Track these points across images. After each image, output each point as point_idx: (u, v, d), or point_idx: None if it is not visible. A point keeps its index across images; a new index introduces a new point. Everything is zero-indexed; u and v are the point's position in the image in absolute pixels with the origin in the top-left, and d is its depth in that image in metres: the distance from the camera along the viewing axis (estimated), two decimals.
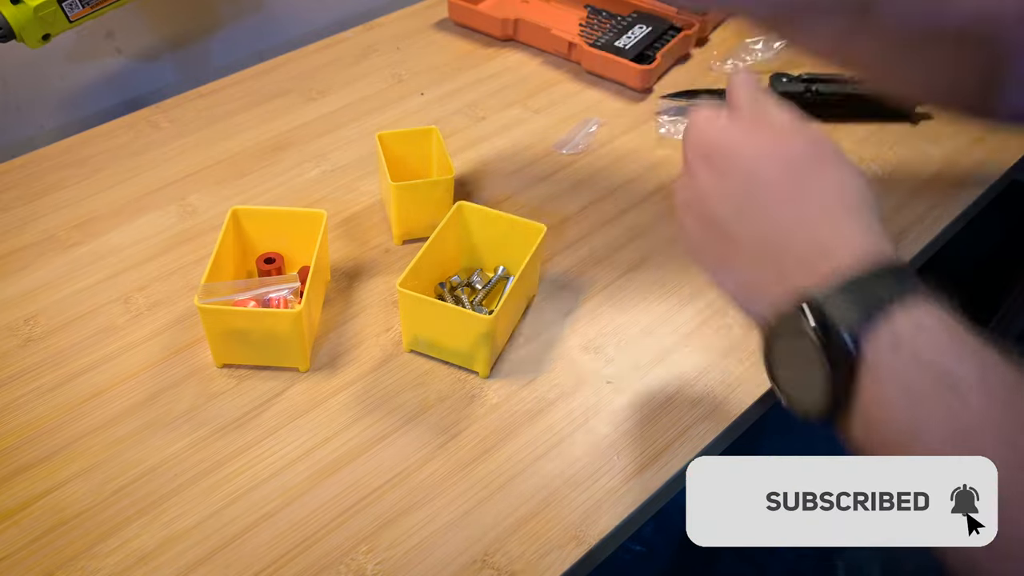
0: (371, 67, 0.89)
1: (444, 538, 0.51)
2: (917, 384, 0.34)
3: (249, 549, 0.50)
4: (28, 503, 0.52)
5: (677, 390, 0.59)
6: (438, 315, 0.58)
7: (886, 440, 0.36)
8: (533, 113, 0.84)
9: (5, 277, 0.66)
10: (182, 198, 0.73)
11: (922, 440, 0.34)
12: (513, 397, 0.58)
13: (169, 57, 0.90)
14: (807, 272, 0.38)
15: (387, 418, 0.57)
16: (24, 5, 0.64)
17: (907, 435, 0.35)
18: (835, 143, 0.42)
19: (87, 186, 0.74)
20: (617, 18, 0.93)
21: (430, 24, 0.96)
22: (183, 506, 0.52)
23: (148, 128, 0.80)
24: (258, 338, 0.57)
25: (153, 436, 0.55)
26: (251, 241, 0.64)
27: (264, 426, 0.56)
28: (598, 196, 0.75)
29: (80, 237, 0.69)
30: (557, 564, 0.50)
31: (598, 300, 0.65)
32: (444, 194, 0.67)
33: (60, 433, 0.55)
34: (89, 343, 0.61)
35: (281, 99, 0.84)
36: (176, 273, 0.66)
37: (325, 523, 0.51)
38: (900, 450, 0.35)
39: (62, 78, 0.83)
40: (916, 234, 0.71)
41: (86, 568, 0.49)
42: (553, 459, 0.55)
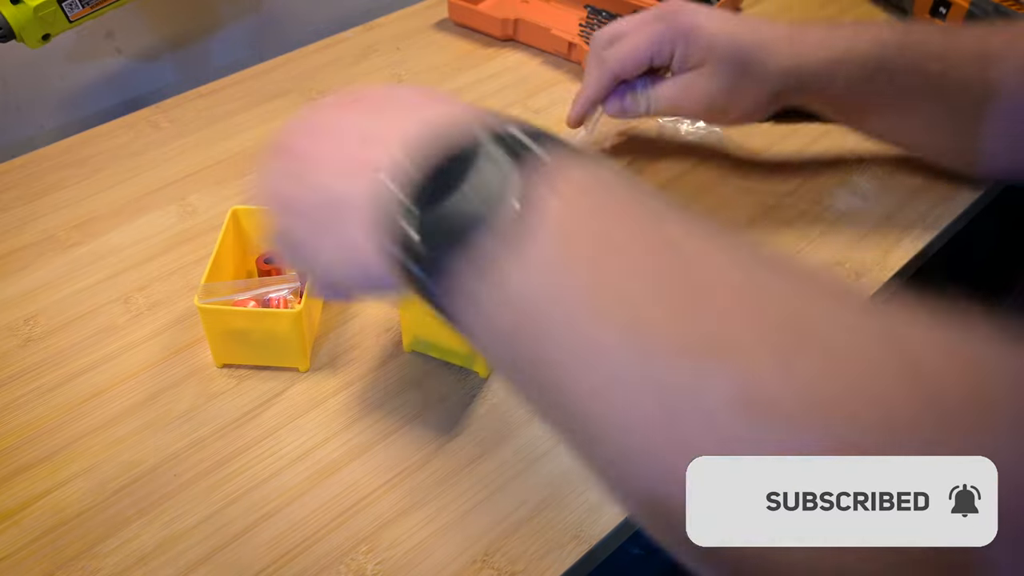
0: (371, 67, 0.89)
1: (444, 538, 0.51)
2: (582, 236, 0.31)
3: (249, 549, 0.50)
4: (28, 503, 0.52)
5: None
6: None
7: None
8: (533, 113, 0.84)
9: (5, 277, 0.66)
10: (182, 198, 0.73)
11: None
12: (513, 397, 0.58)
13: (169, 57, 0.90)
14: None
15: (387, 418, 0.57)
16: (24, 5, 0.64)
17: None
18: None
19: (87, 186, 0.74)
20: (617, 18, 0.93)
21: (430, 24, 0.96)
22: (183, 506, 0.52)
23: (148, 128, 0.80)
24: (258, 338, 0.57)
25: (153, 436, 0.55)
26: (251, 241, 0.64)
27: (264, 426, 0.56)
28: None
29: (80, 237, 0.69)
30: (557, 564, 0.50)
31: None
32: None
33: (60, 433, 0.55)
34: (89, 343, 0.61)
35: (281, 99, 0.84)
36: (176, 273, 0.66)
37: (325, 523, 0.51)
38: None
39: (62, 78, 0.83)
40: (916, 234, 0.71)
41: (86, 568, 0.49)
42: (553, 459, 0.55)
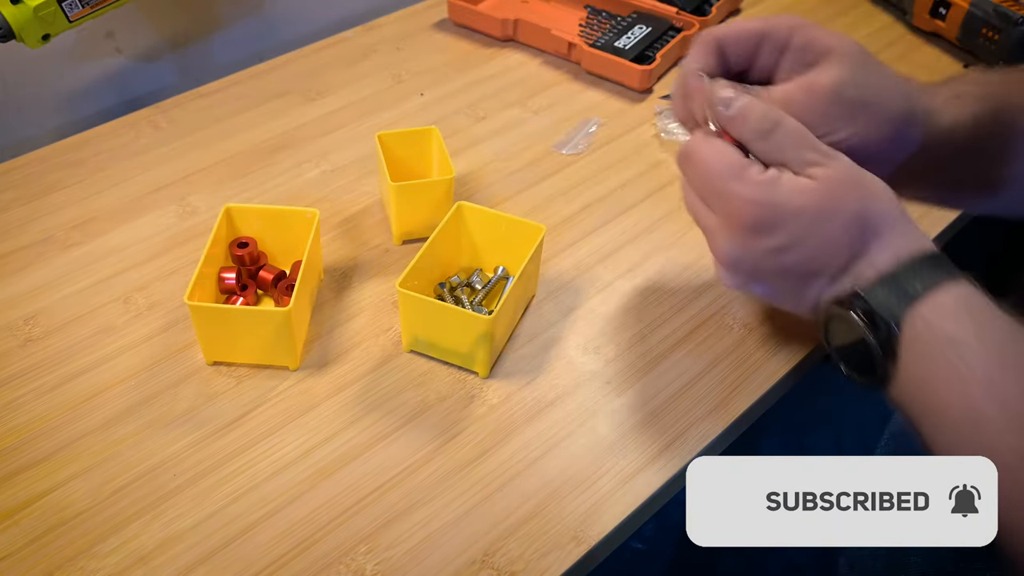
0: (371, 67, 0.89)
1: (444, 538, 0.51)
2: (931, 353, 0.42)
3: (249, 549, 0.50)
4: (28, 503, 0.52)
5: (677, 390, 0.59)
6: (438, 315, 0.58)
7: (923, 406, 0.43)
8: (533, 113, 0.84)
9: (5, 277, 0.66)
10: (182, 198, 0.73)
11: (936, 397, 0.42)
12: (513, 397, 0.58)
13: (169, 57, 0.90)
14: (854, 277, 0.46)
15: (387, 418, 0.57)
16: (24, 5, 0.64)
17: (931, 395, 0.42)
18: (855, 168, 0.46)
19: (87, 186, 0.74)
20: (617, 18, 0.93)
21: (430, 24, 0.96)
22: (183, 506, 0.52)
23: (148, 128, 0.80)
24: (248, 336, 0.57)
25: (153, 436, 0.55)
26: None
27: (264, 426, 0.56)
28: (598, 196, 0.75)
29: (80, 237, 0.69)
30: (557, 564, 0.50)
31: (598, 300, 0.65)
32: (444, 194, 0.67)
33: (60, 433, 0.55)
34: (89, 343, 0.61)
35: (281, 99, 0.84)
36: (176, 273, 0.66)
37: (325, 523, 0.51)
38: (931, 415, 0.42)
39: (62, 78, 0.83)
40: None
41: (86, 568, 0.49)
42: (553, 459, 0.55)
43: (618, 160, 0.79)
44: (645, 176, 0.77)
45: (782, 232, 0.46)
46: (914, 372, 0.43)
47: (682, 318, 0.64)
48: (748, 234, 0.46)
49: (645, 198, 0.75)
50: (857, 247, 0.46)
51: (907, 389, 0.44)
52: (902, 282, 0.44)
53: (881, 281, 0.44)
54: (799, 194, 0.45)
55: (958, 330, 0.42)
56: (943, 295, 0.43)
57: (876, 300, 0.44)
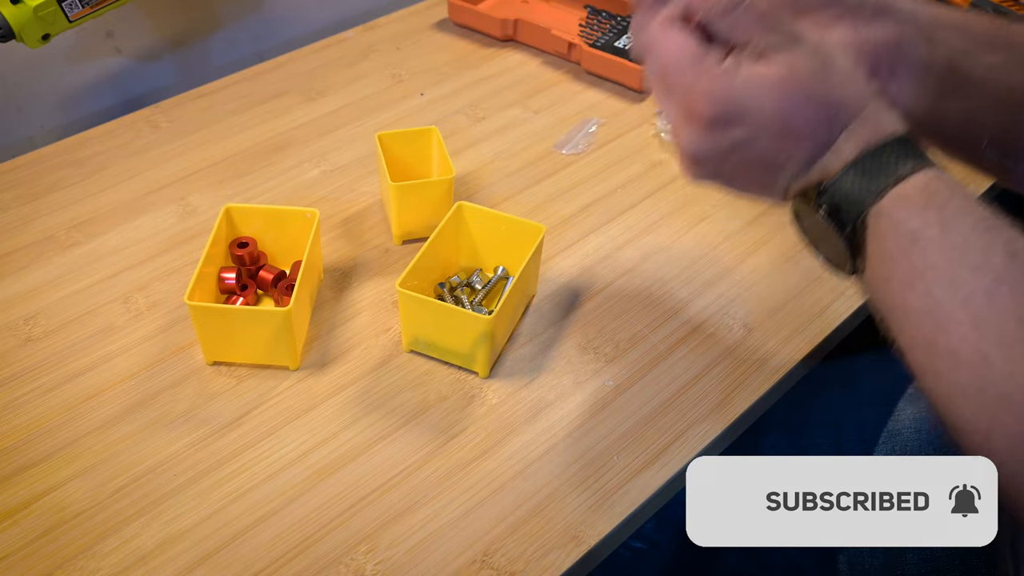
0: (371, 67, 0.89)
1: (444, 538, 0.51)
2: (894, 251, 0.41)
3: (249, 549, 0.50)
4: (28, 503, 0.52)
5: (677, 390, 0.59)
6: (438, 315, 0.58)
7: (889, 303, 0.43)
8: (533, 113, 0.84)
9: (5, 277, 0.66)
10: (182, 198, 0.73)
11: (900, 295, 0.41)
12: (513, 397, 0.58)
13: (169, 57, 0.90)
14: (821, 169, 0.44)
15: (387, 418, 0.57)
16: (24, 5, 0.64)
17: (895, 293, 0.42)
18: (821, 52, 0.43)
19: (87, 186, 0.74)
20: (617, 18, 0.93)
21: (430, 24, 0.96)
22: (183, 506, 0.52)
23: (148, 128, 0.80)
24: (248, 336, 0.58)
25: (153, 436, 0.55)
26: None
27: (264, 426, 0.56)
28: (598, 196, 0.75)
29: (80, 237, 0.69)
30: (557, 564, 0.50)
31: (598, 300, 0.65)
32: (444, 194, 0.67)
33: (60, 433, 0.55)
34: (89, 343, 0.61)
35: (281, 99, 0.84)
36: (176, 273, 0.66)
37: (325, 523, 0.51)
38: (896, 312, 0.42)
39: (62, 78, 0.83)
40: None
41: (86, 568, 0.49)
42: (553, 459, 0.55)
43: (618, 160, 0.79)
44: (645, 176, 0.77)
45: (742, 126, 0.44)
46: (879, 269, 0.42)
47: (682, 318, 0.64)
48: (707, 128, 0.44)
49: (645, 198, 0.75)
50: (823, 137, 0.44)
51: (874, 285, 0.43)
52: (867, 174, 0.42)
53: (845, 173, 0.43)
54: (758, 86, 0.43)
55: (922, 226, 0.41)
56: (909, 187, 0.41)
57: (840, 195, 0.42)
